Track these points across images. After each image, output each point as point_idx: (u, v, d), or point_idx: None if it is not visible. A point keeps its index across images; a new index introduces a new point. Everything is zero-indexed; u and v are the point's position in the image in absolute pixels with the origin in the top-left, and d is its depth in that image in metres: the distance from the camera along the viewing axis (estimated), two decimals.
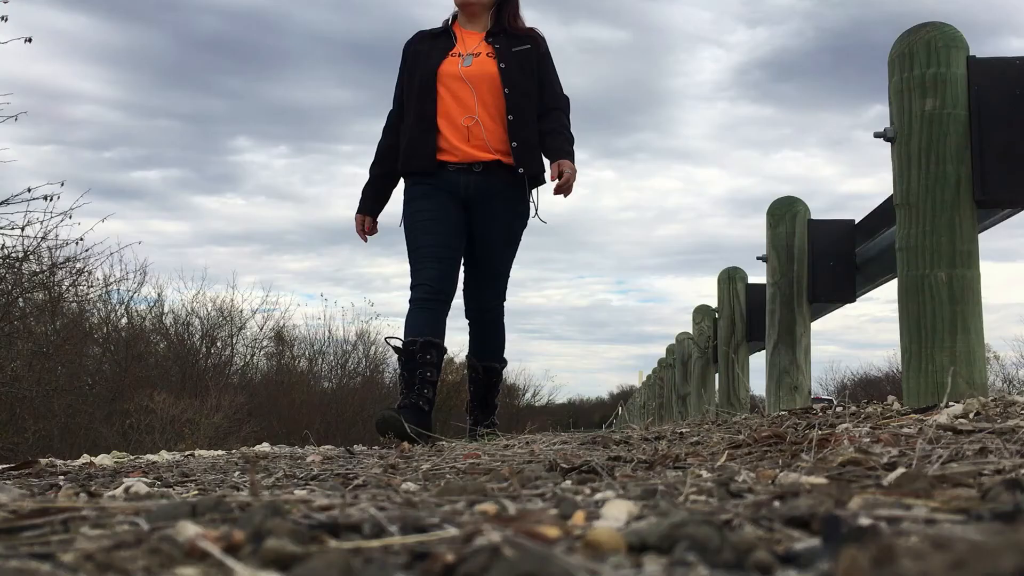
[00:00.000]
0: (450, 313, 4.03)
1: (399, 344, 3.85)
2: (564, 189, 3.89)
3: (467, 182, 3.93)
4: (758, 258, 4.41)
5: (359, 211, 4.19)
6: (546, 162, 4.03)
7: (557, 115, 4.02)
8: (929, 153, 2.40)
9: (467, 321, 4.17)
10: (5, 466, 2.34)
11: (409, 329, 3.85)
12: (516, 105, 3.91)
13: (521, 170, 3.89)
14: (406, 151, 3.97)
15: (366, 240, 4.26)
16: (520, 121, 3.91)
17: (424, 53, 3.97)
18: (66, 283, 10.58)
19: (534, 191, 4.09)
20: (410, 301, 3.93)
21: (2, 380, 8.91)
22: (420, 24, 7.25)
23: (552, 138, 3.97)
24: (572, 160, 3.92)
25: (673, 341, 9.39)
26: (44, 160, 24.77)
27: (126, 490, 1.26)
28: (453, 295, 3.97)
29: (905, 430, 1.55)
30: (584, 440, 2.33)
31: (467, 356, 4.19)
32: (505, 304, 4.19)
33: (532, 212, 4.11)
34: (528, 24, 4.06)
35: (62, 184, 8.51)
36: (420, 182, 3.98)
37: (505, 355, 4.22)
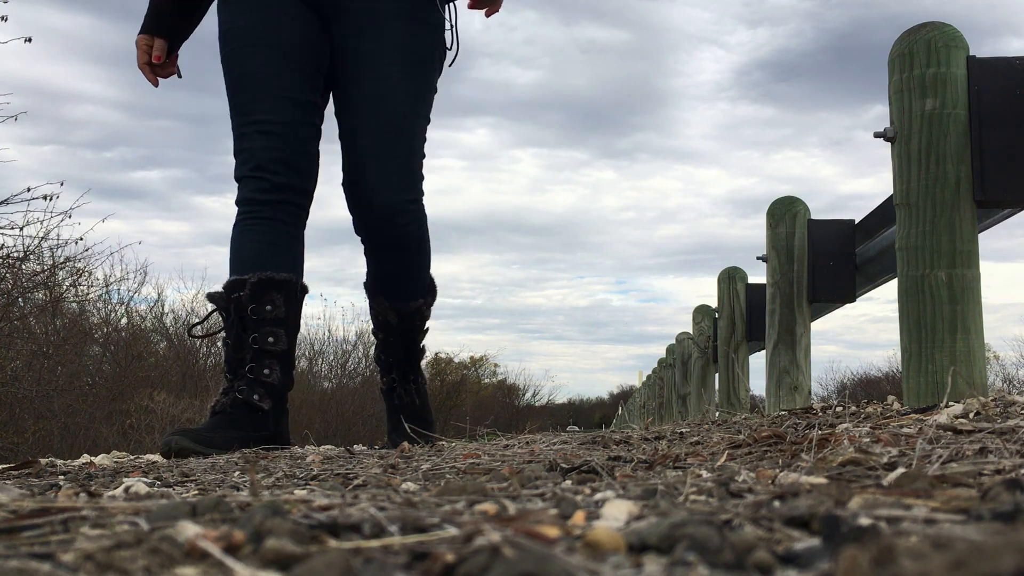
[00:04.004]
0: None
1: (220, 292, 2.45)
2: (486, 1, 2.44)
3: None
4: (758, 258, 4.42)
5: (140, 31, 2.58)
6: None
7: None
8: (929, 153, 2.40)
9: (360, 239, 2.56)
10: (5, 466, 2.34)
11: (234, 262, 2.44)
12: None
13: None
14: None
15: (155, 83, 2.59)
16: None
17: None
18: (66, 283, 10.58)
19: (447, 6, 2.54)
20: (236, 204, 2.49)
21: (2, 380, 8.91)
22: None
23: None
24: None
25: (673, 341, 9.39)
26: (44, 160, 24.87)
27: (126, 490, 1.26)
28: (309, 185, 2.48)
29: (905, 430, 1.56)
30: (584, 440, 2.33)
31: (373, 300, 2.61)
32: (425, 207, 2.52)
33: (448, 41, 2.48)
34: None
35: (62, 184, 8.58)
36: None
37: (433, 285, 2.65)
